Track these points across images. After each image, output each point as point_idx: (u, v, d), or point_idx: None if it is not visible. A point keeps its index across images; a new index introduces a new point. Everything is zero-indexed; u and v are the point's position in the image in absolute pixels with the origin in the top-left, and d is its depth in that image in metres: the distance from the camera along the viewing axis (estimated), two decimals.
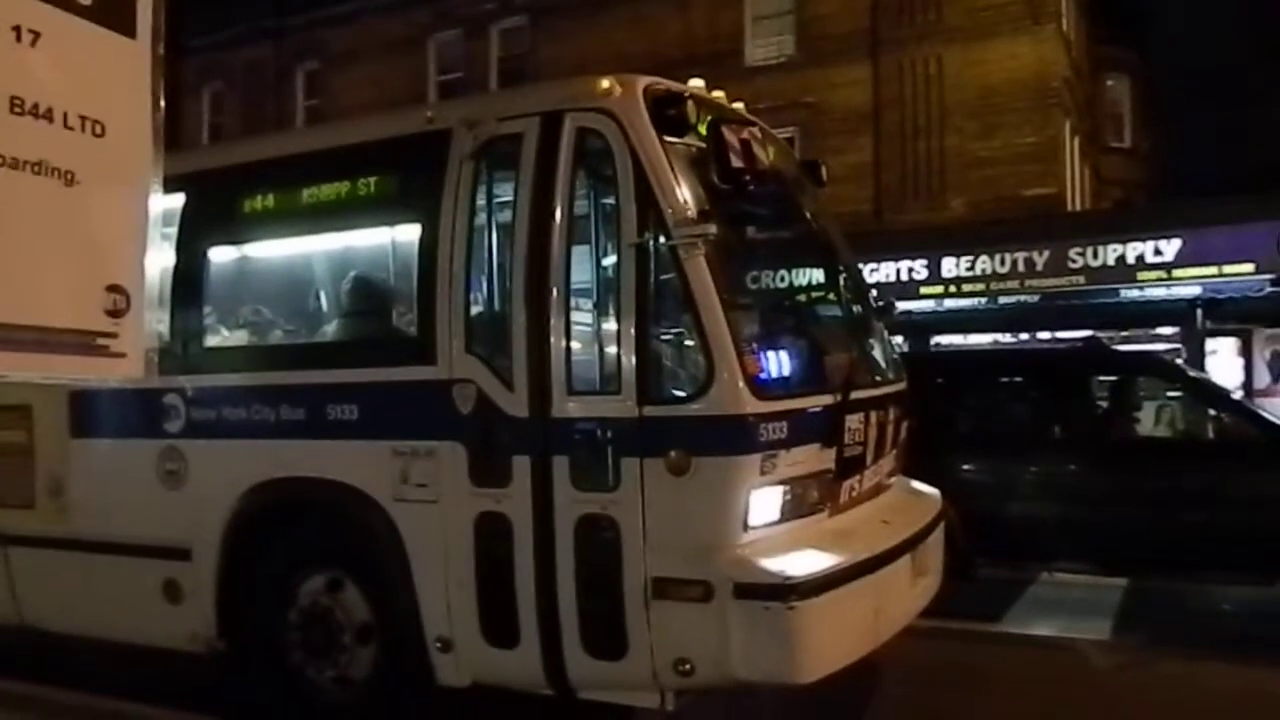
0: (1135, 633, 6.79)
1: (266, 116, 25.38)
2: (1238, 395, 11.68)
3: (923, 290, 16.74)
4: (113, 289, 1.86)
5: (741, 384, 3.79)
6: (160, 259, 1.98)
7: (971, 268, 16.58)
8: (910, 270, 16.88)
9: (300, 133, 14.76)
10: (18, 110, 1.70)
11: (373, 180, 4.67)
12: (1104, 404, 7.86)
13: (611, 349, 4.04)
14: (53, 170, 1.76)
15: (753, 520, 3.83)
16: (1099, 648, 6.21)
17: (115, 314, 1.85)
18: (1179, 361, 13.00)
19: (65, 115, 1.77)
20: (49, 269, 1.77)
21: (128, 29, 1.89)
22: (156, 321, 1.94)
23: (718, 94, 4.62)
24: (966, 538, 6.90)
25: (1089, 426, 7.48)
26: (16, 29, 1.70)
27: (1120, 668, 5.77)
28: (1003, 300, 16.58)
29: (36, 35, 1.73)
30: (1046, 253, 15.97)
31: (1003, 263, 16.32)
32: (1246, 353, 17.49)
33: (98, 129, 1.82)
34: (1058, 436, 7.48)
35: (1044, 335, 17.05)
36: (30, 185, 1.72)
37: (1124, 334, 16.87)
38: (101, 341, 1.84)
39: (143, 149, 1.89)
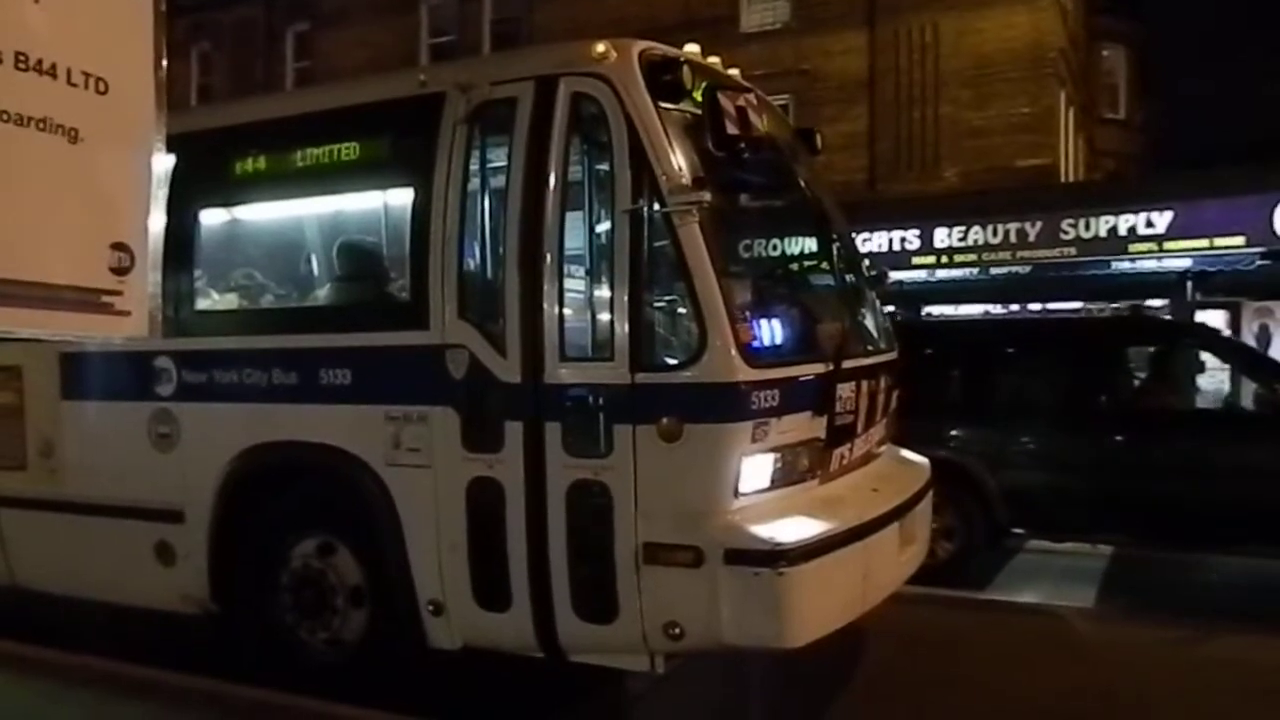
0: (1119, 600, 6.90)
1: (255, 78, 25.05)
2: None
3: (915, 260, 16.73)
4: (117, 246, 1.86)
5: (734, 352, 3.81)
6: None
7: (964, 238, 16.57)
8: (903, 240, 16.86)
9: (291, 95, 14.61)
10: (21, 66, 1.69)
11: (365, 144, 4.64)
12: (1148, 374, 7.67)
13: (604, 315, 4.03)
14: (57, 127, 1.75)
15: (743, 487, 3.86)
16: (1082, 615, 6.29)
17: (120, 271, 1.86)
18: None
19: (69, 71, 1.76)
20: (54, 226, 1.77)
21: None
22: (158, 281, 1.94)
23: (713, 60, 4.59)
24: (1005, 509, 6.95)
25: (1132, 397, 7.35)
26: None
27: (1103, 635, 5.84)
28: (994, 271, 16.59)
29: None
30: (1039, 224, 15.95)
31: (995, 233, 16.30)
32: (1235, 325, 17.63)
33: (101, 86, 1.81)
34: (1100, 407, 7.26)
35: (1034, 306, 17.11)
36: (34, 142, 1.72)
37: (1114, 306, 16.93)
38: (106, 299, 1.84)
39: (145, 106, 1.88)
